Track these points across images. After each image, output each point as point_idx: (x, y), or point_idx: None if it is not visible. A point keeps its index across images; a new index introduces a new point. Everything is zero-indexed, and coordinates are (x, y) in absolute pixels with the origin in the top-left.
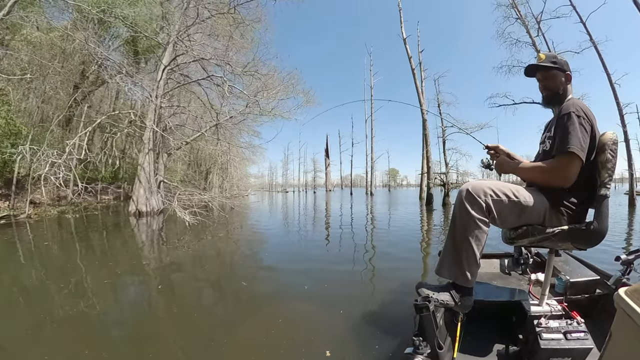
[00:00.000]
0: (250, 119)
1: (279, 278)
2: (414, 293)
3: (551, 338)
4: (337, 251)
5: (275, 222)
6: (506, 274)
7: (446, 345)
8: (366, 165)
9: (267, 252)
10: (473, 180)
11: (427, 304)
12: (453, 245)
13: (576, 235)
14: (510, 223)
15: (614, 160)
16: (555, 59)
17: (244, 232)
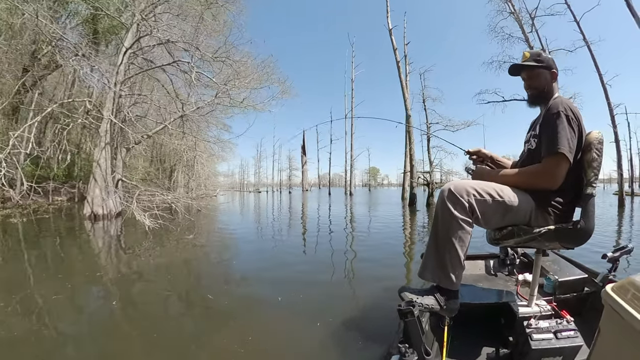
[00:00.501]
0: (220, 110)
1: (250, 289)
2: (397, 298)
3: (542, 338)
4: (314, 257)
5: (246, 225)
6: (492, 276)
7: (433, 350)
8: (345, 164)
9: (238, 260)
10: (456, 179)
11: (411, 309)
12: (436, 247)
13: (563, 235)
14: (494, 223)
15: (599, 159)
16: (539, 57)
17: (212, 237)
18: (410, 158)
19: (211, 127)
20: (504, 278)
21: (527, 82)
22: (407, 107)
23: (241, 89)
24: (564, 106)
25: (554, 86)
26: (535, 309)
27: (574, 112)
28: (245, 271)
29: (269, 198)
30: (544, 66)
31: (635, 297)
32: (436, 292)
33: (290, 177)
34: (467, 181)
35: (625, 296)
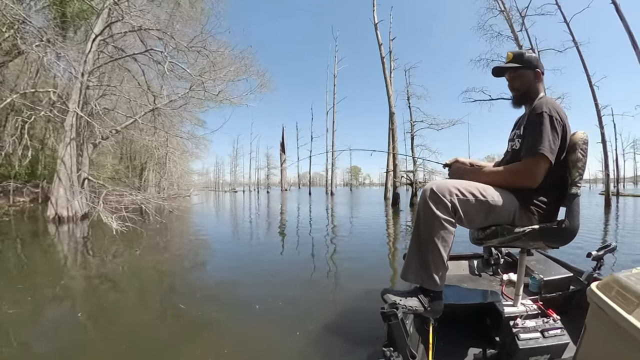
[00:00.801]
0: (194, 104)
1: (226, 296)
2: (381, 301)
3: (529, 338)
4: (294, 261)
5: (222, 227)
6: (476, 276)
7: (419, 353)
8: (326, 162)
9: (212, 265)
10: (438, 178)
11: (394, 311)
12: (418, 248)
13: (548, 234)
14: (477, 223)
15: (584, 159)
16: (522, 57)
17: (184, 241)
18: (394, 157)
19: (185, 122)
20: (489, 278)
21: (511, 83)
22: (391, 105)
23: (217, 81)
24: (548, 107)
25: (538, 86)
26: (521, 308)
27: (558, 112)
28: (220, 277)
29: (246, 198)
30: (528, 66)
31: (619, 294)
32: (420, 293)
33: (268, 176)
34: (450, 180)
35: (610, 293)
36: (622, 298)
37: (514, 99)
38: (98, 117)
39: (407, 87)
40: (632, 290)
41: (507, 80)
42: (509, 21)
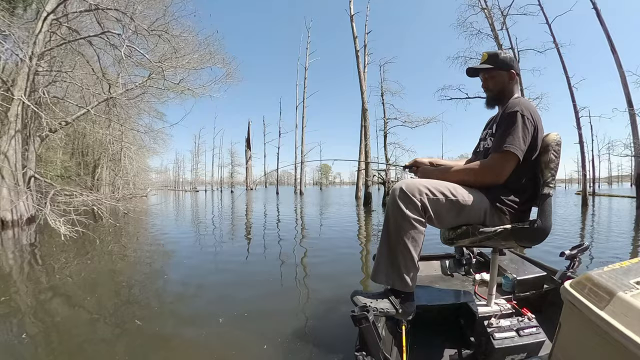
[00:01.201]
0: (152, 94)
1: (186, 309)
2: (352, 304)
3: (504, 337)
4: (260, 268)
5: (183, 231)
6: (448, 276)
7: (393, 356)
8: (295, 160)
9: (172, 274)
10: (408, 178)
11: (365, 314)
12: (388, 248)
13: (520, 234)
14: (448, 223)
15: (557, 160)
16: (497, 58)
17: (142, 247)
18: (366, 155)
19: (142, 114)
20: (461, 278)
21: (485, 83)
22: (364, 100)
23: (179, 69)
24: (521, 106)
25: (513, 87)
26: (495, 308)
27: (531, 112)
28: (180, 287)
29: (208, 198)
30: (502, 67)
31: (592, 292)
32: (391, 295)
33: (232, 174)
34: (420, 180)
35: (583, 291)
36: (595, 295)
37: (488, 100)
38: (47, 107)
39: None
40: (604, 287)
41: (481, 81)
42: (490, 19)
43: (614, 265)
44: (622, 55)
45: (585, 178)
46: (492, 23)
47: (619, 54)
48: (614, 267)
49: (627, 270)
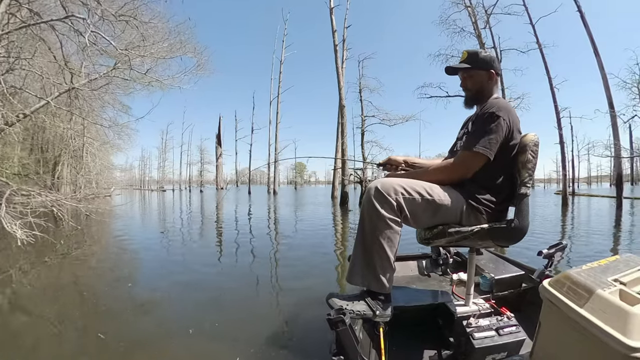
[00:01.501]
0: (118, 84)
1: (153, 320)
2: (328, 307)
3: (484, 336)
4: (232, 273)
5: (149, 235)
6: (425, 276)
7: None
8: (268, 158)
9: (137, 282)
10: (383, 177)
11: (342, 317)
12: (363, 249)
13: (497, 233)
14: (424, 222)
15: (534, 160)
16: (477, 57)
17: (106, 252)
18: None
19: (106, 107)
20: (438, 278)
21: (463, 82)
22: (342, 97)
23: (147, 58)
24: (498, 107)
25: (492, 87)
26: (474, 307)
27: (507, 114)
28: (146, 295)
29: (176, 198)
30: (482, 67)
31: (571, 290)
32: (367, 296)
33: (202, 173)
34: (395, 179)
35: (562, 289)
36: (574, 293)
37: (466, 99)
38: (4, 97)
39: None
40: (583, 285)
41: (460, 80)
42: (473, 17)
43: (592, 264)
44: (604, 57)
45: (565, 178)
46: (476, 21)
47: (601, 56)
48: (592, 265)
49: (606, 269)
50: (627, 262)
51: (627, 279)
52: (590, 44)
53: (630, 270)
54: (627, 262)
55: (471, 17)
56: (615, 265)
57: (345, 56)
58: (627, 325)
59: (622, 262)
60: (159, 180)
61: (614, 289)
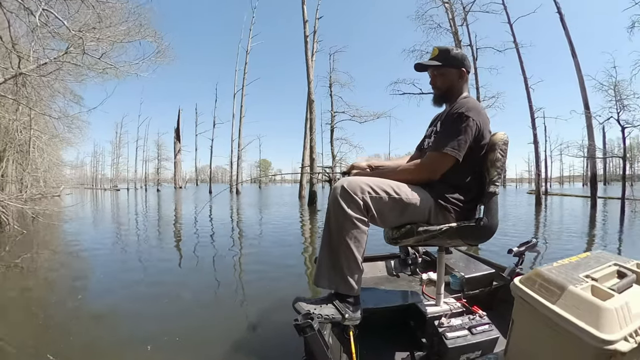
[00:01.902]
0: (69, 71)
1: (107, 336)
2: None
3: (457, 336)
4: (193, 281)
5: (102, 240)
6: (394, 277)
7: None
8: (231, 154)
9: (89, 293)
10: (349, 176)
11: (310, 322)
12: (330, 250)
13: (466, 232)
14: (391, 222)
15: (503, 159)
16: (448, 54)
17: (55, 259)
18: (311, 150)
19: (56, 96)
20: (407, 278)
21: (433, 80)
22: (311, 91)
23: (103, 41)
24: (467, 107)
25: (462, 85)
26: (445, 307)
27: (478, 114)
28: (100, 308)
29: (131, 198)
30: (452, 65)
31: (542, 287)
32: (335, 299)
33: (159, 170)
34: (362, 178)
35: (534, 287)
36: (546, 290)
37: (435, 97)
38: None
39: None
40: (554, 282)
41: (430, 77)
42: (451, 14)
43: (563, 261)
44: (581, 59)
45: (539, 177)
46: (453, 18)
47: (579, 58)
48: (563, 262)
49: (577, 265)
50: (597, 259)
51: (598, 275)
52: (568, 45)
53: (601, 266)
54: (597, 258)
55: (448, 14)
56: (587, 262)
57: (315, 48)
58: (600, 319)
59: (593, 259)
60: (113, 178)
61: (585, 285)
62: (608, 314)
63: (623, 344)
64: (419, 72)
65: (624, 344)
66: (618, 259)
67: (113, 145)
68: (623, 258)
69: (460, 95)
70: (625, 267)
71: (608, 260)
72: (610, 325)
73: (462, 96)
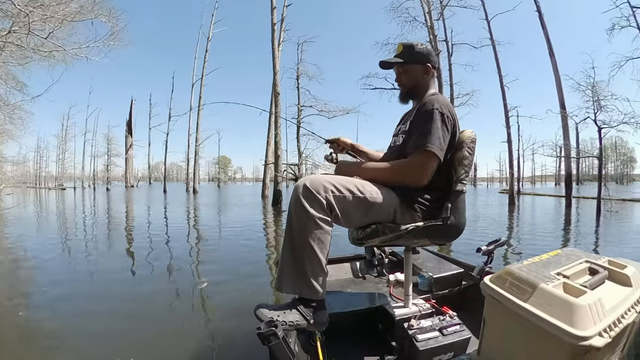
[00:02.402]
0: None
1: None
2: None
3: (428, 338)
4: (147, 290)
5: (47, 244)
6: (360, 279)
7: None
8: (188, 150)
9: (31, 309)
10: (311, 174)
11: (273, 330)
12: (292, 253)
13: (433, 231)
14: (356, 222)
15: (471, 157)
16: (412, 50)
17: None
18: (275, 146)
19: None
20: (374, 280)
21: (398, 77)
22: (277, 83)
23: (51, 19)
24: (439, 104)
25: (428, 81)
26: (414, 308)
27: (449, 110)
28: (45, 325)
29: (79, 198)
30: (417, 61)
31: (513, 285)
32: (299, 304)
33: (108, 167)
34: (325, 176)
35: (504, 285)
36: (517, 288)
37: (401, 94)
38: None
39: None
40: (525, 280)
41: (395, 74)
42: (427, 7)
43: (534, 259)
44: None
45: (512, 177)
46: (430, 11)
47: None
48: (534, 260)
49: (547, 263)
50: (568, 256)
51: (569, 272)
52: (546, 44)
53: (573, 263)
54: (568, 256)
55: (424, 7)
56: (557, 260)
57: (282, 37)
58: (574, 316)
59: (564, 257)
60: (58, 175)
61: (557, 282)
62: (581, 310)
63: (598, 339)
64: (385, 69)
65: (598, 339)
66: (589, 256)
67: (59, 139)
68: (594, 255)
69: (427, 91)
70: (597, 264)
71: (579, 258)
72: (584, 321)
73: (429, 93)
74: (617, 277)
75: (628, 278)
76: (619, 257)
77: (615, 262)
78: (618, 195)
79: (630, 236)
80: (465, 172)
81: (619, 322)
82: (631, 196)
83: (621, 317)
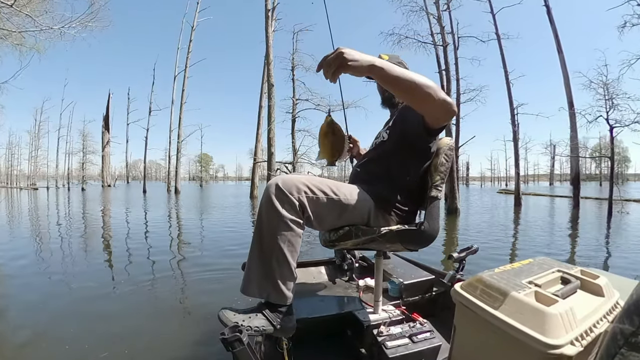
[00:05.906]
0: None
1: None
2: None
3: (397, 345)
4: (126, 301)
5: (19, 249)
6: (330, 283)
7: None
8: (169, 147)
9: (5, 315)
10: (284, 174)
11: (238, 336)
12: (260, 255)
13: (406, 236)
14: (329, 224)
15: (447, 164)
16: (394, 62)
17: None
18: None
19: None
20: (344, 285)
21: (379, 86)
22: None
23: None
24: None
25: None
26: (384, 315)
27: None
28: (17, 336)
29: (52, 198)
30: None
31: (485, 293)
32: (265, 309)
33: (84, 165)
34: (298, 176)
35: (475, 292)
36: (488, 296)
37: (383, 100)
38: None
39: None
40: (497, 288)
41: (377, 83)
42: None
43: (505, 267)
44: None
45: (518, 176)
46: (437, 1)
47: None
48: (505, 268)
49: (519, 272)
50: (540, 265)
51: (541, 281)
52: (554, 40)
53: (544, 272)
54: (540, 264)
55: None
56: (529, 268)
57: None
58: (545, 324)
59: (536, 265)
60: (31, 174)
61: (529, 291)
62: (553, 319)
63: (569, 348)
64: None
65: (570, 348)
66: (561, 266)
67: (31, 135)
68: (567, 265)
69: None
70: (569, 274)
71: (551, 267)
72: (556, 330)
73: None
74: (590, 287)
75: (600, 288)
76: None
77: (588, 272)
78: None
79: None
80: (440, 178)
81: (591, 332)
82: (631, 196)
83: (593, 326)
